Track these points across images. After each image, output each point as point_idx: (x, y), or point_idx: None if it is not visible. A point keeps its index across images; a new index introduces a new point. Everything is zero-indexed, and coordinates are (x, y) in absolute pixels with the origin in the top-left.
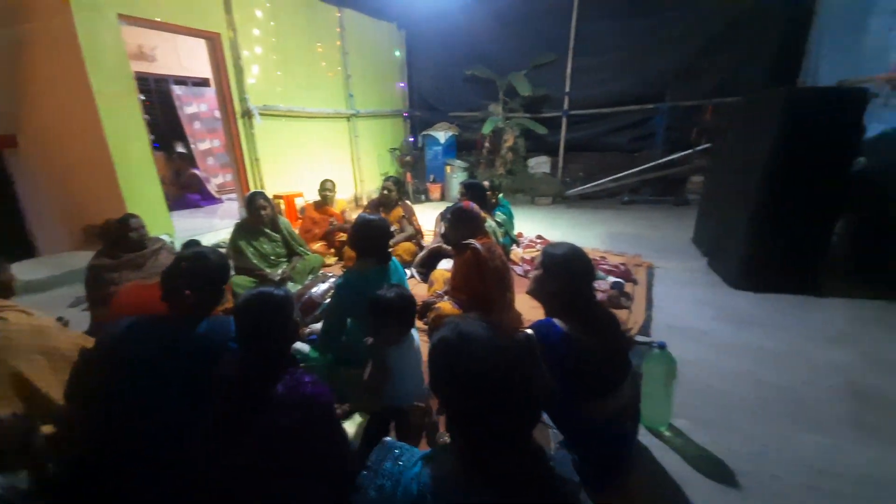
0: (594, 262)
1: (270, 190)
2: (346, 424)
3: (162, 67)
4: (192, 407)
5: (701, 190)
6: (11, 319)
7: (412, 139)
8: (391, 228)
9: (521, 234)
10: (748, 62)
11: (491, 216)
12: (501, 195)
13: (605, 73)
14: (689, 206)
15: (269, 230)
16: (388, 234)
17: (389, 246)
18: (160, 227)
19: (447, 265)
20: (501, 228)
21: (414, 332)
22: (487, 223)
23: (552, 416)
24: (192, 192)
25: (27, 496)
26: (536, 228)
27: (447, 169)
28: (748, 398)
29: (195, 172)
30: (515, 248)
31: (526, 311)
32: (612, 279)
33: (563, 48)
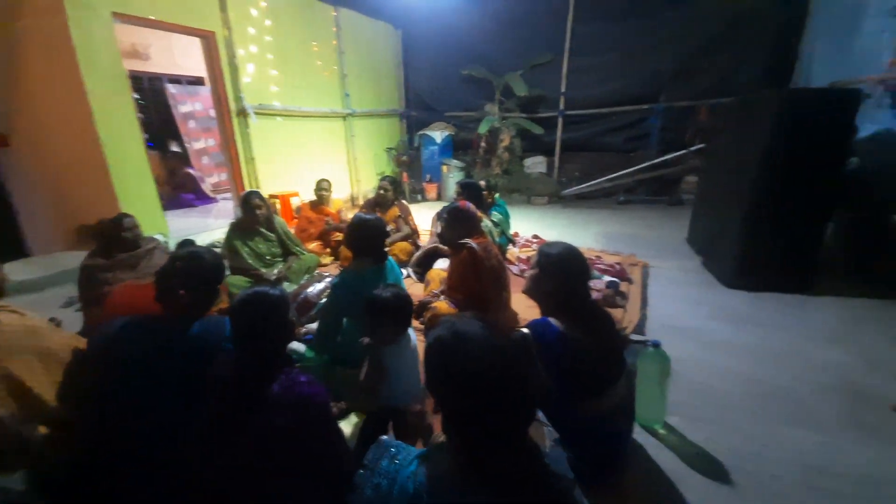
0: (590, 261)
1: (266, 189)
2: (342, 424)
3: (156, 66)
4: (186, 407)
5: (695, 190)
6: (3, 320)
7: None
8: (387, 228)
9: (517, 233)
10: (743, 63)
11: (487, 216)
12: (498, 195)
13: (600, 73)
14: (683, 206)
15: (264, 230)
16: (384, 233)
17: (386, 245)
18: (154, 226)
19: (443, 265)
20: (498, 228)
21: (410, 331)
22: (484, 223)
23: (547, 414)
24: (186, 191)
25: (23, 496)
26: (532, 228)
27: (443, 169)
28: (743, 396)
29: (190, 172)
30: (511, 247)
31: (522, 310)
32: (607, 278)
33: (559, 48)
